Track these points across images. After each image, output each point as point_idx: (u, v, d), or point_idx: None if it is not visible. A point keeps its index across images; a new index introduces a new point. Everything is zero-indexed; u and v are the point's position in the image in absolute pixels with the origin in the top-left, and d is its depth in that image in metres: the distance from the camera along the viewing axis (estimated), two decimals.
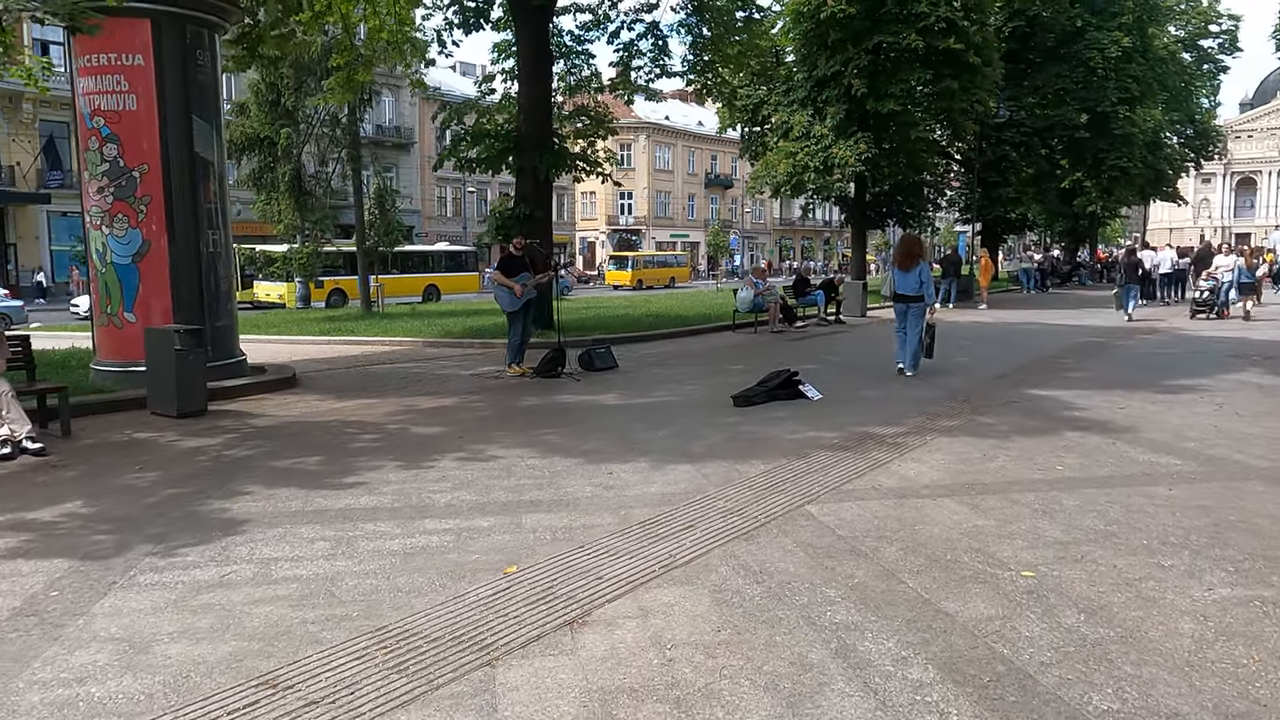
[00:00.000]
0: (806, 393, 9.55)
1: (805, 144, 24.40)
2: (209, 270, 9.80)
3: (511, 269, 11.31)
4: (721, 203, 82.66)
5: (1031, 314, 22.23)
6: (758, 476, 6.25)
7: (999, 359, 12.94)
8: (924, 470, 6.41)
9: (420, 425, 8.27)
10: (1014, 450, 7.04)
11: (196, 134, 9.52)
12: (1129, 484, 6.02)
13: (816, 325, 18.99)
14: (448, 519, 5.30)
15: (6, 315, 27.46)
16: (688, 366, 12.55)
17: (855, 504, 5.56)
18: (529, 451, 7.10)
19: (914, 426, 8.01)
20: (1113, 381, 10.62)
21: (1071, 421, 8.19)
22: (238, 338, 10.69)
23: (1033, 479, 6.16)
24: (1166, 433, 7.68)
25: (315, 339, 17.37)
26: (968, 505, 5.52)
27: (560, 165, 15.43)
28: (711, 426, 8.08)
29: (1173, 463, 6.62)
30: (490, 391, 10.33)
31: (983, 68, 23.72)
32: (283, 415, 8.83)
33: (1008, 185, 34.52)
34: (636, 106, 76.10)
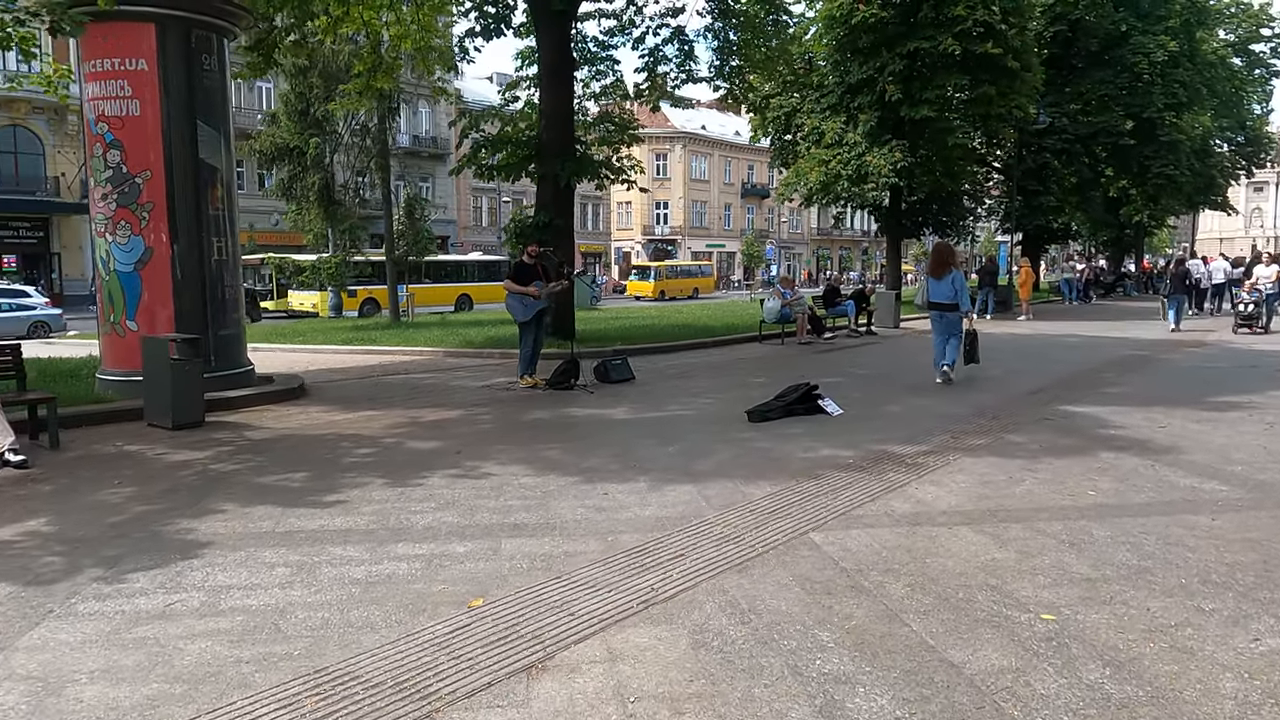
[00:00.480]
0: (826, 408, 9.11)
1: (838, 151, 23.92)
2: (213, 278, 9.60)
3: (524, 277, 10.99)
4: (758, 212, 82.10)
5: (1072, 325, 21.48)
6: (763, 499, 5.83)
7: (1034, 373, 12.36)
8: (942, 494, 5.95)
9: (418, 439, 7.95)
10: (1043, 473, 6.54)
11: (202, 140, 9.33)
12: (1167, 512, 5.51)
13: (846, 337, 18.47)
14: (423, 543, 4.96)
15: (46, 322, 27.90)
16: (707, 379, 12.15)
17: (864, 532, 5.12)
18: (525, 468, 6.75)
19: (937, 445, 7.53)
20: (1154, 398, 10.03)
21: (1107, 441, 7.66)
22: (245, 347, 10.48)
23: (1061, 506, 5.67)
24: (1211, 454, 7.13)
25: (337, 348, 17.24)
26: (987, 535, 5.06)
27: (581, 172, 15.12)
28: (722, 443, 7.67)
29: (1217, 488, 6.09)
30: (498, 404, 10.01)
31: (1021, 73, 23.13)
32: (281, 427, 8.57)
33: (1049, 193, 33.70)
34: (672, 116, 76.09)
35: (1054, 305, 31.23)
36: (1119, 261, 46.73)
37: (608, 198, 73.22)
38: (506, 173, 15.53)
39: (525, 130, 15.81)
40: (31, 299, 29.61)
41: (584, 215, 70.22)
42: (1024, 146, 33.20)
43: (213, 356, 9.47)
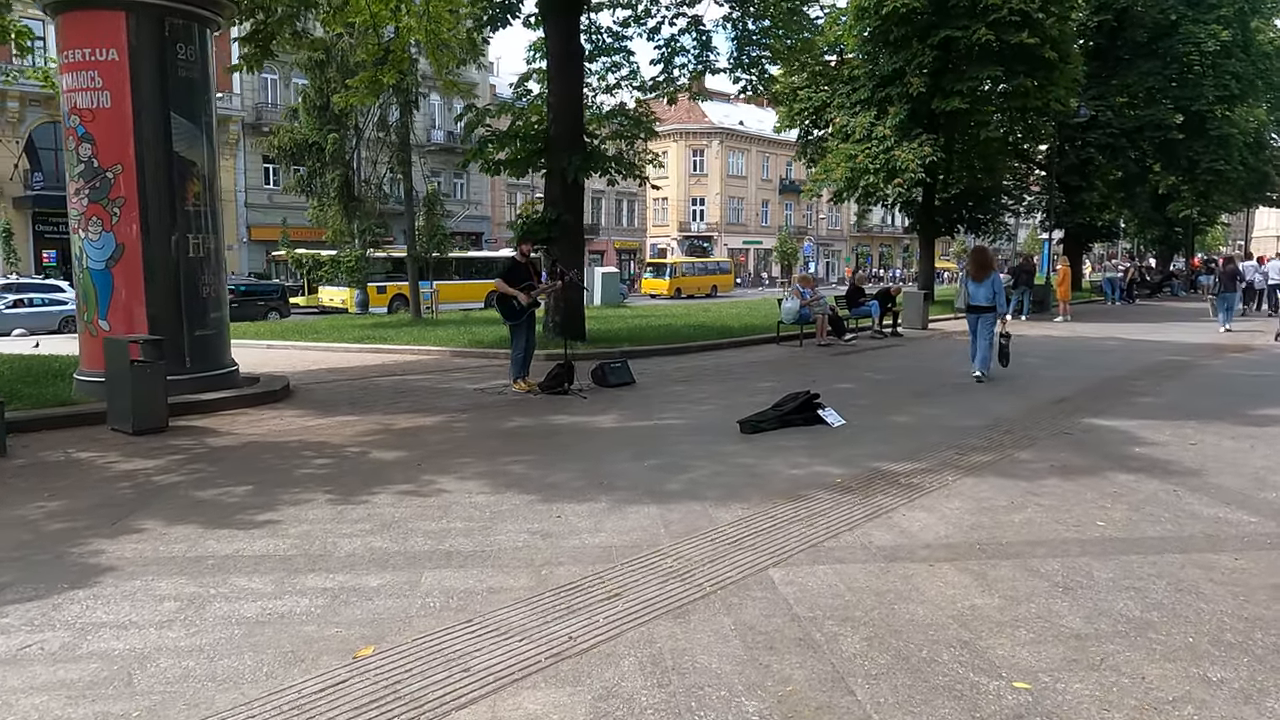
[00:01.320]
0: (825, 418, 8.51)
1: (866, 146, 23.14)
2: (189, 277, 9.25)
3: (516, 278, 10.52)
4: (796, 209, 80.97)
5: (1111, 327, 20.52)
6: (730, 525, 5.28)
7: (1061, 380, 11.61)
8: (931, 523, 5.35)
9: (384, 449, 7.51)
10: (1049, 498, 5.90)
11: (177, 133, 8.98)
12: (1184, 549, 4.87)
13: (870, 338, 17.76)
14: (339, 573, 4.49)
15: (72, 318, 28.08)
16: (712, 384, 11.58)
17: (831, 568, 4.56)
18: (483, 484, 6.27)
19: (938, 462, 6.92)
20: (1187, 410, 9.28)
21: (1128, 461, 6.97)
22: (228, 347, 10.14)
23: (1063, 539, 5.04)
24: (1243, 479, 6.42)
25: (348, 346, 16.95)
26: (971, 574, 4.46)
27: (590, 167, 14.61)
28: (706, 457, 7.13)
29: (1245, 520, 5.41)
30: (483, 409, 9.55)
31: (1060, 64, 22.13)
32: (248, 433, 8.19)
33: (1092, 190, 32.55)
34: (709, 111, 75.56)
35: (1095, 306, 30.08)
36: (1168, 260, 45.14)
37: (643, 194, 72.66)
38: (514, 168, 15.07)
39: (535, 124, 15.34)
40: (65, 294, 29.79)
41: (619, 212, 69.83)
42: (1066, 141, 32.09)
43: (188, 357, 9.14)
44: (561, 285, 10.44)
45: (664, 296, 44.52)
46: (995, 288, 11.54)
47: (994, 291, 11.50)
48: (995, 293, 11.51)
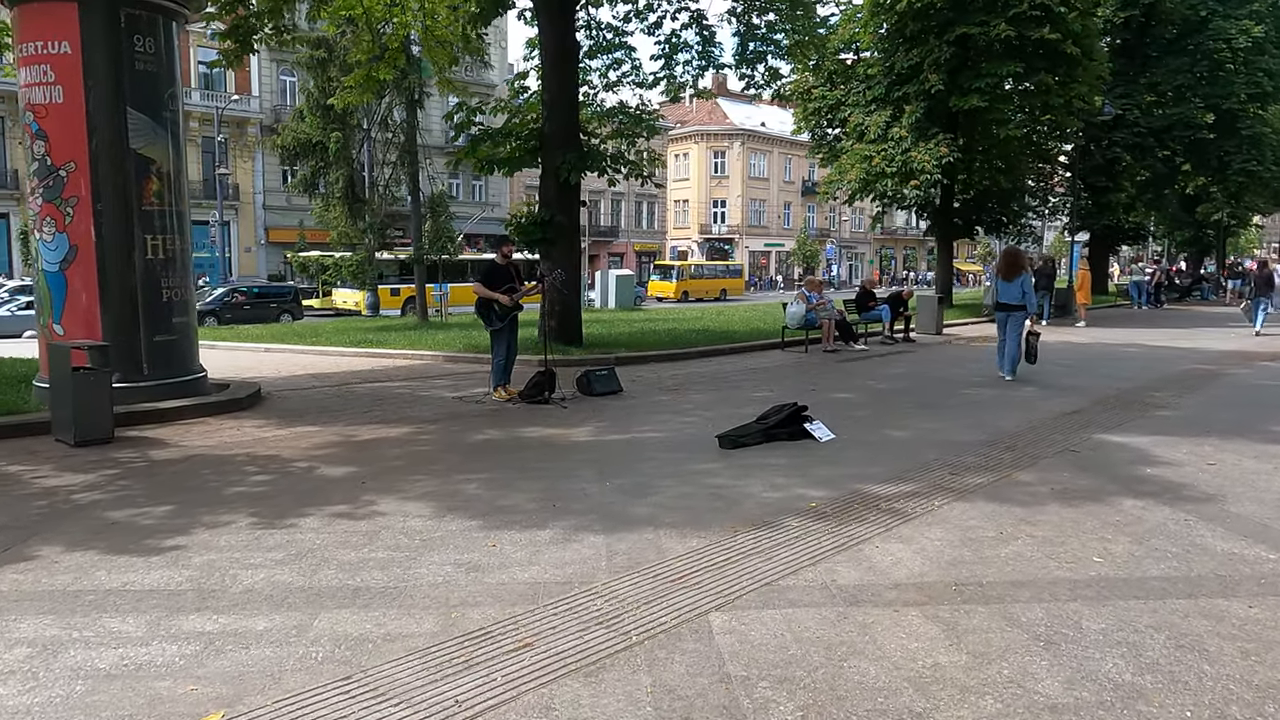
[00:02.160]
0: (813, 433, 7.94)
1: (882, 147, 22.47)
2: (148, 280, 8.83)
3: (496, 281, 10.03)
4: (819, 211, 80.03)
5: (1135, 333, 19.71)
6: (680, 558, 4.74)
7: (1075, 389, 10.94)
8: (906, 557, 4.78)
9: (334, 464, 7.03)
10: (1044, 527, 5.31)
11: (134, 129, 8.58)
12: (1191, 592, 4.27)
13: (880, 344, 17.11)
14: (224, 614, 4.00)
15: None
16: (705, 392, 11.02)
17: (781, 613, 4.01)
18: (425, 506, 5.77)
19: (928, 484, 6.34)
20: (1208, 425, 8.61)
21: (1137, 484, 6.36)
22: (196, 352, 9.72)
23: (1053, 578, 4.46)
24: (1265, 506, 5.79)
25: (344, 350, 16.56)
26: (940, 624, 3.90)
27: (585, 167, 14.09)
28: (676, 476, 6.59)
29: (1264, 557, 4.79)
30: (455, 420, 9.06)
31: (1083, 60, 21.34)
32: (195, 446, 7.75)
33: (1119, 190, 31.61)
34: (730, 112, 74.93)
35: (1121, 310, 29.14)
36: (1198, 263, 43.95)
37: (664, 196, 72.10)
38: (507, 167, 14.60)
39: (531, 122, 14.86)
40: None
41: (639, 214, 69.34)
42: (1091, 140, 31.20)
43: (146, 364, 8.72)
44: (543, 288, 9.93)
45: (671, 299, 43.85)
46: (1024, 288, 11.91)
47: (1023, 291, 11.88)
48: (1024, 292, 11.88)
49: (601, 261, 64.93)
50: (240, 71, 46.69)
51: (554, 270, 12.27)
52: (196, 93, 44.93)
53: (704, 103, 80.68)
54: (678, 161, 75.19)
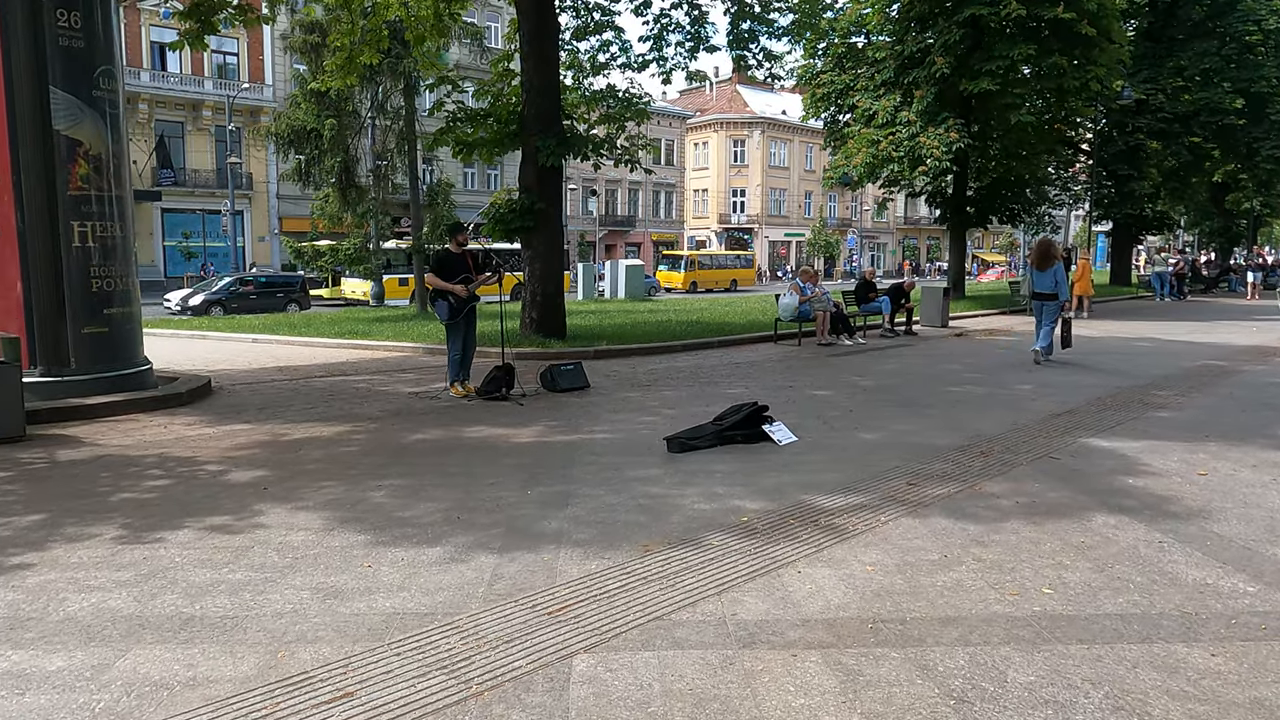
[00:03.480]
0: (772, 435, 7.36)
1: (890, 131, 21.71)
2: (76, 268, 8.39)
3: (450, 271, 9.51)
4: (841, 200, 78.89)
5: (1150, 327, 18.86)
6: (568, 585, 4.20)
7: (1073, 387, 10.26)
8: (829, 585, 4.20)
9: (248, 467, 6.55)
10: (996, 549, 4.71)
11: (57, 109, 8.12)
12: (1147, 635, 3.66)
13: (880, 337, 16.44)
14: (22, 649, 3.51)
15: None
16: (678, 388, 10.45)
17: (660, 656, 3.45)
18: (318, 518, 5.26)
19: (882, 495, 5.74)
20: (1210, 428, 7.93)
21: (1115, 497, 5.72)
22: (137, 345, 9.28)
23: (989, 614, 3.87)
24: (1253, 525, 5.15)
25: (328, 341, 16.18)
26: (840, 673, 3.33)
27: (566, 151, 13.51)
28: (607, 484, 6.04)
29: (1239, 589, 4.17)
30: (400, 417, 8.56)
31: (1101, 41, 20.45)
32: (109, 445, 7.30)
33: (1143, 179, 30.60)
34: (751, 100, 73.95)
35: (1141, 302, 28.15)
36: (1228, 254, 42.62)
37: (682, 185, 71.33)
38: (485, 150, 14.06)
39: (512, 105, 14.30)
40: None
41: (656, 204, 68.67)
42: (1114, 126, 30.21)
43: (72, 357, 8.29)
44: (499, 279, 9.41)
45: (679, 290, 43.14)
46: (1058, 276, 12.57)
47: (1056, 280, 12.54)
48: (1057, 281, 12.54)
49: (618, 251, 64.35)
50: (254, 60, 46.75)
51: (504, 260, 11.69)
52: (209, 81, 44.91)
53: (724, 91, 79.88)
54: (697, 150, 74.39)
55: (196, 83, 44.55)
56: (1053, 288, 12.53)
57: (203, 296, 29.78)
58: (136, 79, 42.59)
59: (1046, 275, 12.62)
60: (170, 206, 44.48)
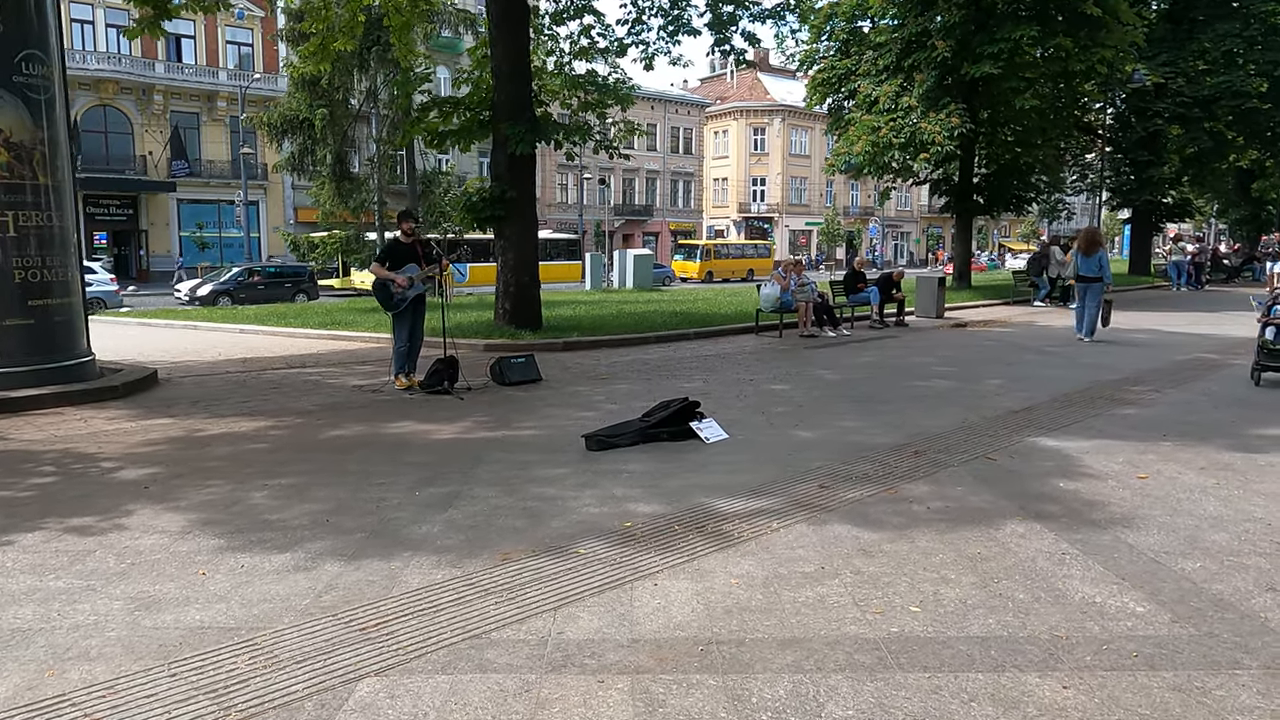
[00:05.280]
0: (700, 433, 7.03)
1: (891, 117, 21.18)
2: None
3: (396, 260, 9.26)
4: (862, 189, 77.86)
5: (1153, 318, 18.21)
6: (400, 598, 3.93)
7: (1044, 381, 9.82)
8: (682, 599, 3.90)
9: (142, 465, 6.33)
10: (882, 560, 4.37)
11: None
12: (999, 663, 3.31)
13: (870, 328, 16.00)
14: None
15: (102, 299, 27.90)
16: (634, 381, 10.14)
17: (454, 681, 3.17)
18: (182, 520, 5.02)
19: (789, 498, 5.42)
20: (1173, 425, 7.50)
21: (1039, 501, 5.35)
22: (74, 336, 9.11)
23: (839, 636, 3.54)
24: (1174, 535, 4.75)
25: (309, 332, 16.08)
26: (641, 704, 3.02)
27: (537, 138, 13.20)
28: (504, 485, 5.75)
29: (1128, 609, 3.80)
30: (327, 412, 8.32)
31: (1109, 21, 19.77)
32: (15, 440, 7.13)
33: (1163, 165, 29.73)
34: (771, 88, 73.16)
35: (1156, 292, 27.33)
36: (1254, 242, 41.40)
37: (701, 174, 70.76)
38: (457, 139, 13.80)
39: (485, 92, 14.02)
40: (95, 275, 29.63)
41: (674, 193, 68.18)
42: (1132, 111, 29.38)
43: None
44: (441, 269, 9.17)
45: (694, 280, 42.64)
46: (1102, 262, 13.62)
47: (1100, 265, 13.56)
48: (1102, 266, 13.58)
49: (636, 241, 63.94)
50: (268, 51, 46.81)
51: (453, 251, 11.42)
52: (224, 73, 45.09)
53: (744, 78, 79.04)
54: (717, 139, 73.75)
55: (211, 74, 44.80)
56: (1097, 271, 13.56)
57: (210, 287, 29.90)
58: (152, 70, 42.89)
59: (1092, 260, 13.62)
60: (186, 197, 44.81)
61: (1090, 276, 13.67)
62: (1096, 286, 13.61)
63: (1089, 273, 13.69)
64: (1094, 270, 13.60)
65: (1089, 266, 13.68)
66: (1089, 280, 13.69)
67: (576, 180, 60.41)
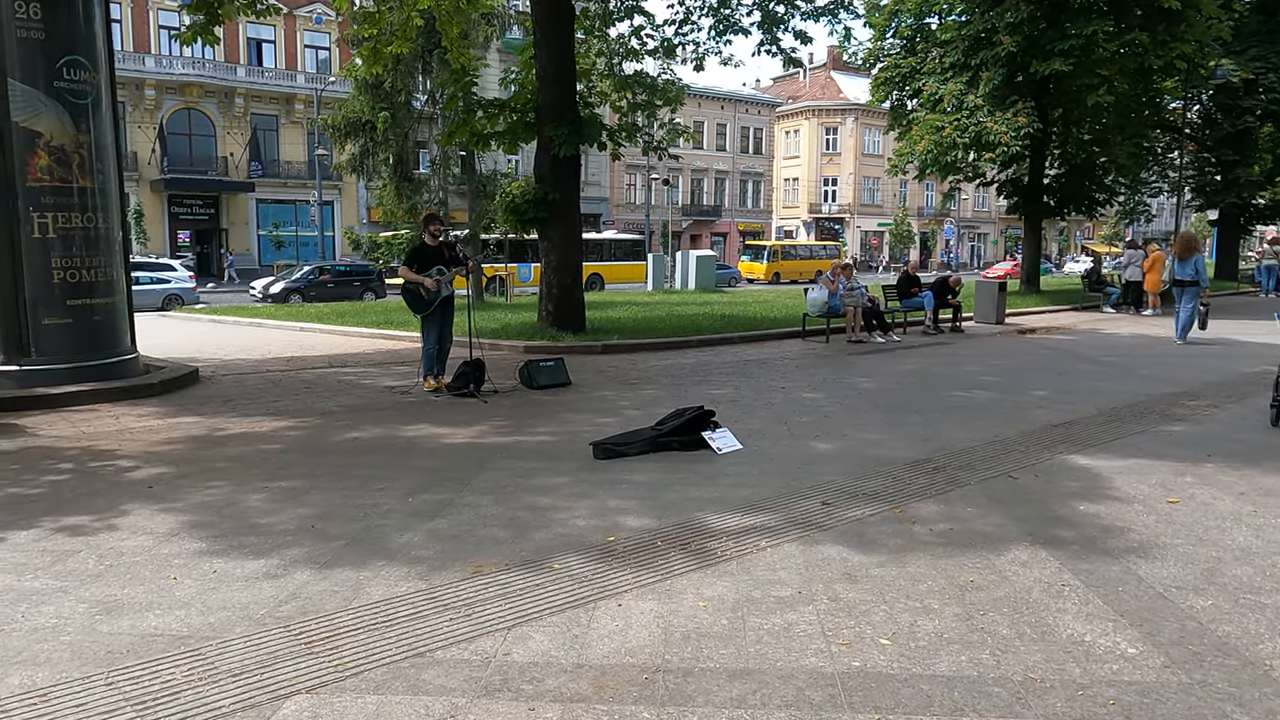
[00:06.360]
0: (712, 443, 6.86)
1: (956, 117, 20.56)
2: (33, 260, 8.48)
3: (424, 262, 9.29)
4: (937, 189, 76.04)
5: (1231, 326, 17.22)
6: (359, 611, 3.87)
7: (1091, 396, 9.34)
8: (642, 622, 3.76)
9: (155, 464, 6.45)
10: (865, 586, 4.16)
11: (14, 100, 8.21)
12: (959, 707, 3.09)
13: (923, 334, 15.54)
14: None
15: (180, 295, 28.96)
16: (664, 387, 9.99)
17: (381, 702, 3.09)
18: (173, 521, 5.08)
19: (787, 515, 5.22)
20: (1218, 445, 7.04)
21: (1052, 526, 5.04)
22: (115, 334, 9.36)
23: (795, 668, 3.35)
24: (1192, 567, 4.42)
25: (362, 330, 16.40)
26: None
27: (581, 139, 13.14)
28: (500, 493, 5.68)
29: (1116, 650, 3.52)
30: (351, 413, 8.39)
31: (1189, 14, 18.85)
32: (45, 436, 7.35)
33: (1252, 164, 28.28)
34: (844, 86, 72.05)
35: (1241, 298, 25.96)
36: None
37: (771, 174, 70.05)
38: (501, 140, 13.83)
39: (529, 94, 14.02)
40: (174, 272, 30.74)
41: (743, 193, 67.69)
42: (1220, 109, 28.03)
43: (32, 347, 8.41)
44: (468, 270, 9.17)
45: (761, 281, 42.15)
46: (1198, 266, 13.98)
47: (1196, 270, 13.91)
48: (1197, 271, 13.93)
49: (704, 242, 63.68)
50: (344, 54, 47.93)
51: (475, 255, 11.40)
52: (301, 76, 46.39)
53: (816, 77, 78.03)
54: (788, 138, 72.98)
55: (290, 77, 46.11)
56: (1193, 275, 13.93)
57: (283, 285, 30.80)
58: (233, 74, 44.35)
59: (1188, 265, 14.02)
60: (264, 197, 46.21)
61: (1186, 280, 14.00)
62: (1193, 290, 13.96)
63: (1185, 277, 14.03)
64: (1190, 274, 13.96)
65: (1185, 270, 14.02)
66: (1185, 284, 14.04)
67: (644, 181, 60.49)
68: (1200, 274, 13.99)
